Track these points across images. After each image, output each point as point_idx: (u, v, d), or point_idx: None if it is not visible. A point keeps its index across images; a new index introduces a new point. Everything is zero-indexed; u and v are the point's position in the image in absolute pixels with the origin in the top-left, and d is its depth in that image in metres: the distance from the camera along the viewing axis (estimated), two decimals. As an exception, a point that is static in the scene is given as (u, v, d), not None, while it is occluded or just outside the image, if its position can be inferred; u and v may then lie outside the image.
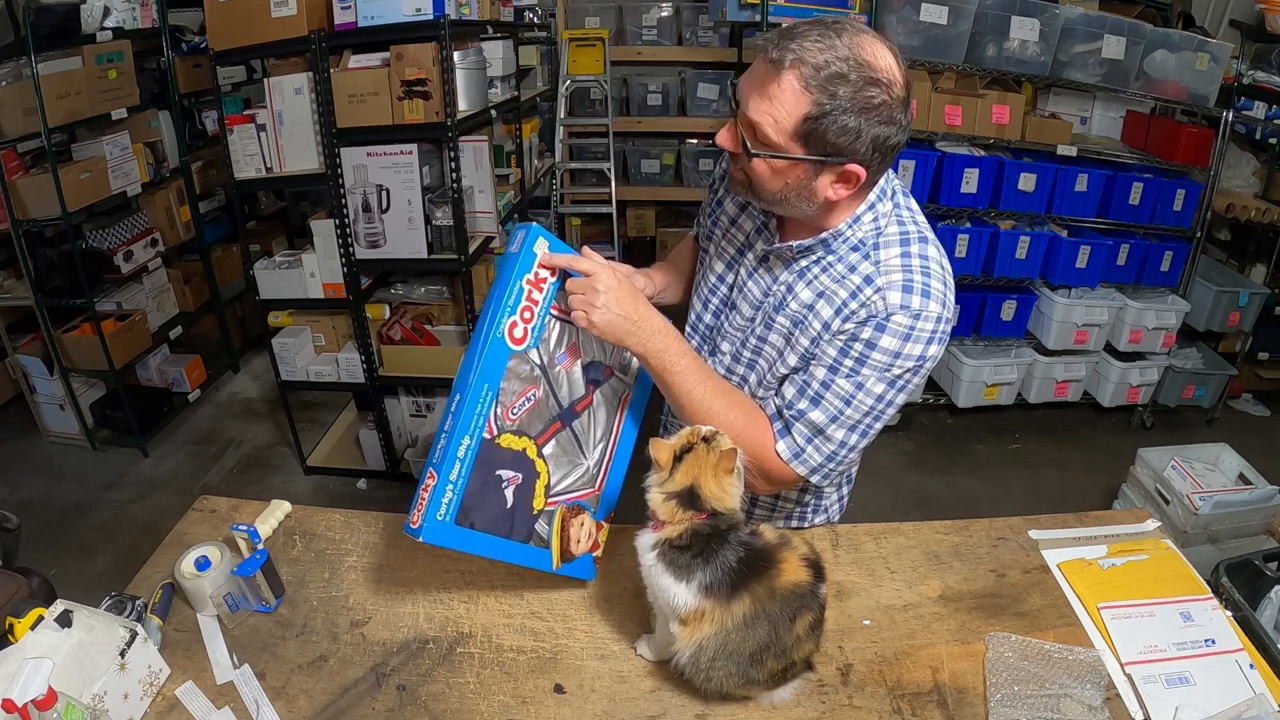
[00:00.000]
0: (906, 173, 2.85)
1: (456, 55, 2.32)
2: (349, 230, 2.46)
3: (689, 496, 0.91)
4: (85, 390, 3.12)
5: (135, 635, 0.95)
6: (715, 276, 1.18)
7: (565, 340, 1.07)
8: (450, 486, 0.95)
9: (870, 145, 0.89)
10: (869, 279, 0.98)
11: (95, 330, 2.85)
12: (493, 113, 2.77)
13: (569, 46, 3.88)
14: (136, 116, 3.04)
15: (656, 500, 0.92)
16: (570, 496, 1.10)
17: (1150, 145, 3.04)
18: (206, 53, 2.43)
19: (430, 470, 0.95)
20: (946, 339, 0.99)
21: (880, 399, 0.99)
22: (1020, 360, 3.18)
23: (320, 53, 2.26)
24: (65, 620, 0.91)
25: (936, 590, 1.16)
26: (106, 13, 2.82)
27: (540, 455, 1.05)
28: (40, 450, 3.15)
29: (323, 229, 2.50)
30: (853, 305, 0.98)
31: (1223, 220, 3.30)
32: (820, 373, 1.00)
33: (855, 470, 1.31)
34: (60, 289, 2.85)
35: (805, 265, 1.04)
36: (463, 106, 2.42)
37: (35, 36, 2.49)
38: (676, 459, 0.92)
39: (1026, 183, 2.90)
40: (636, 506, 0.99)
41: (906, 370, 0.97)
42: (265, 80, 2.40)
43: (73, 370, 2.99)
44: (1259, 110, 3.27)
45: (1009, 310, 3.13)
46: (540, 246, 1.00)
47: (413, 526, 0.94)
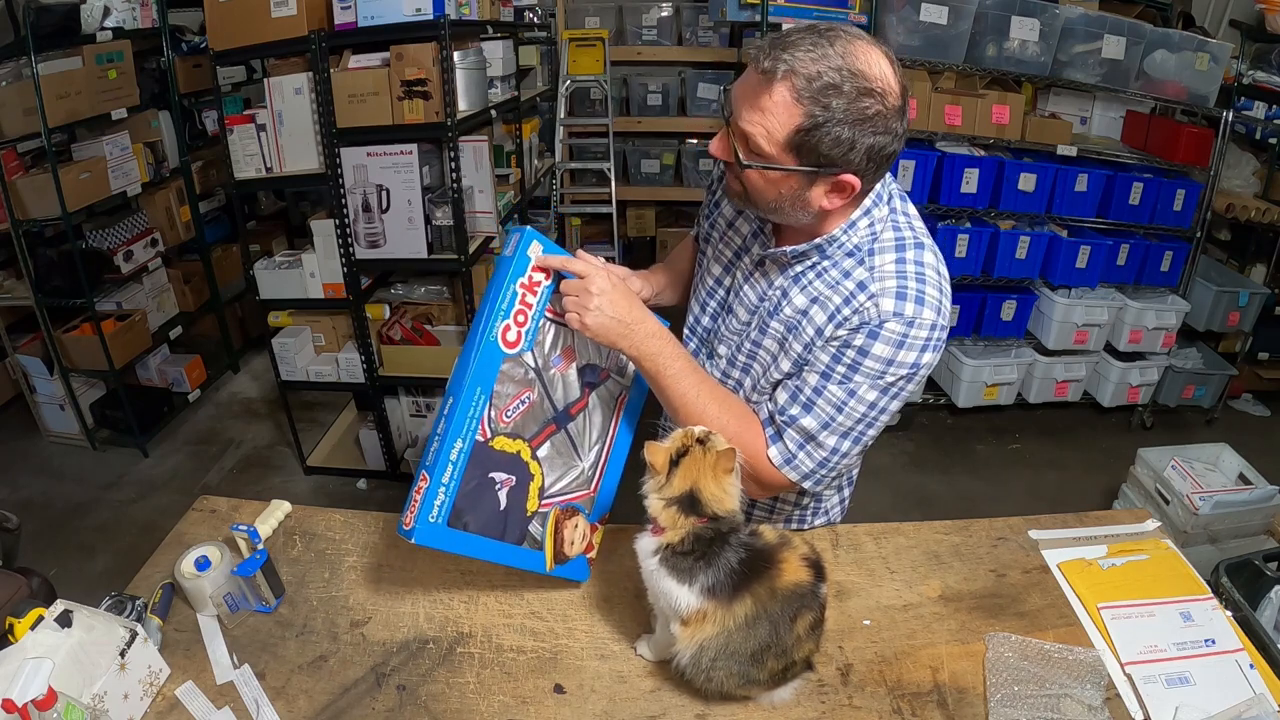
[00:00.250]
0: (906, 173, 2.85)
1: (456, 55, 2.32)
2: (349, 230, 2.46)
3: (689, 501, 0.90)
4: (85, 390, 3.12)
5: (135, 635, 0.95)
6: (713, 279, 1.18)
7: (560, 343, 1.07)
8: (443, 489, 0.95)
9: (865, 155, 0.88)
10: (863, 285, 0.97)
11: (95, 330, 2.85)
12: (493, 113, 2.77)
13: (569, 46, 3.88)
14: (136, 116, 3.04)
15: (656, 507, 0.91)
16: (565, 499, 1.10)
17: (1150, 145, 3.04)
18: (206, 53, 2.43)
19: (423, 472, 0.95)
20: (942, 346, 0.98)
21: (873, 406, 0.98)
22: (1020, 360, 3.18)
23: (320, 53, 2.26)
24: (65, 620, 0.91)
25: (936, 590, 1.16)
26: (106, 13, 2.82)
27: (534, 458, 1.05)
28: (40, 450, 3.15)
29: (323, 229, 2.50)
30: (846, 311, 0.97)
31: (1223, 220, 3.30)
32: (813, 379, 0.99)
33: (855, 472, 1.31)
34: (60, 289, 2.85)
35: (801, 270, 1.03)
36: (463, 106, 2.42)
37: (35, 36, 2.49)
38: (673, 463, 0.90)
39: (1026, 183, 2.90)
40: (633, 507, 0.99)
41: (900, 378, 0.97)
42: (265, 80, 2.40)
43: (73, 370, 2.99)
44: (1259, 110, 3.27)
45: (1009, 310, 3.13)
46: (534, 250, 1.01)
47: (405, 528, 0.94)
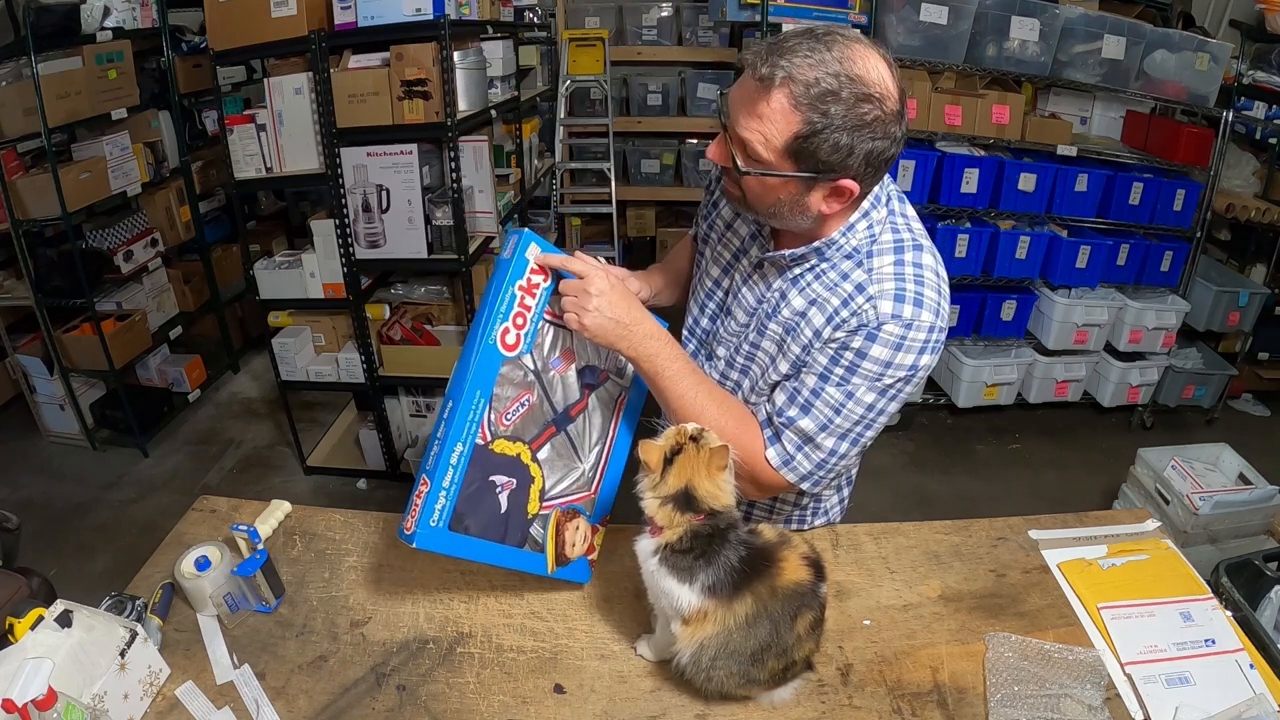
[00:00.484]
0: (906, 173, 2.85)
1: (456, 55, 2.32)
2: (349, 230, 2.46)
3: (685, 499, 0.90)
4: (85, 390, 3.12)
5: (135, 635, 0.95)
6: (711, 281, 1.18)
7: (559, 345, 1.07)
8: (443, 493, 0.95)
9: (863, 160, 0.88)
10: (861, 287, 0.97)
11: (95, 330, 2.85)
12: (493, 113, 2.77)
13: (569, 46, 3.88)
14: (136, 116, 3.04)
15: (652, 506, 0.91)
16: (565, 500, 1.10)
17: (1150, 145, 3.04)
18: (206, 53, 2.43)
19: (424, 476, 0.95)
20: (940, 348, 0.98)
21: (871, 408, 0.98)
22: (1020, 360, 3.18)
23: (320, 53, 2.26)
24: (65, 620, 0.91)
25: (936, 590, 1.16)
26: (106, 13, 2.82)
27: (534, 460, 1.05)
28: (40, 450, 3.15)
29: (323, 229, 2.50)
30: (844, 314, 0.97)
31: (1223, 220, 3.30)
32: (811, 380, 0.99)
33: (855, 472, 1.31)
34: (60, 289, 2.85)
35: (799, 273, 1.03)
36: (463, 106, 2.42)
37: (35, 36, 2.49)
38: (667, 461, 0.91)
39: (1026, 183, 2.90)
40: (633, 508, 0.99)
41: (898, 380, 0.96)
42: (265, 80, 2.40)
43: (73, 370, 2.99)
44: (1259, 110, 3.27)
45: (1009, 310, 3.13)
46: (532, 252, 1.01)
47: (406, 532, 0.94)
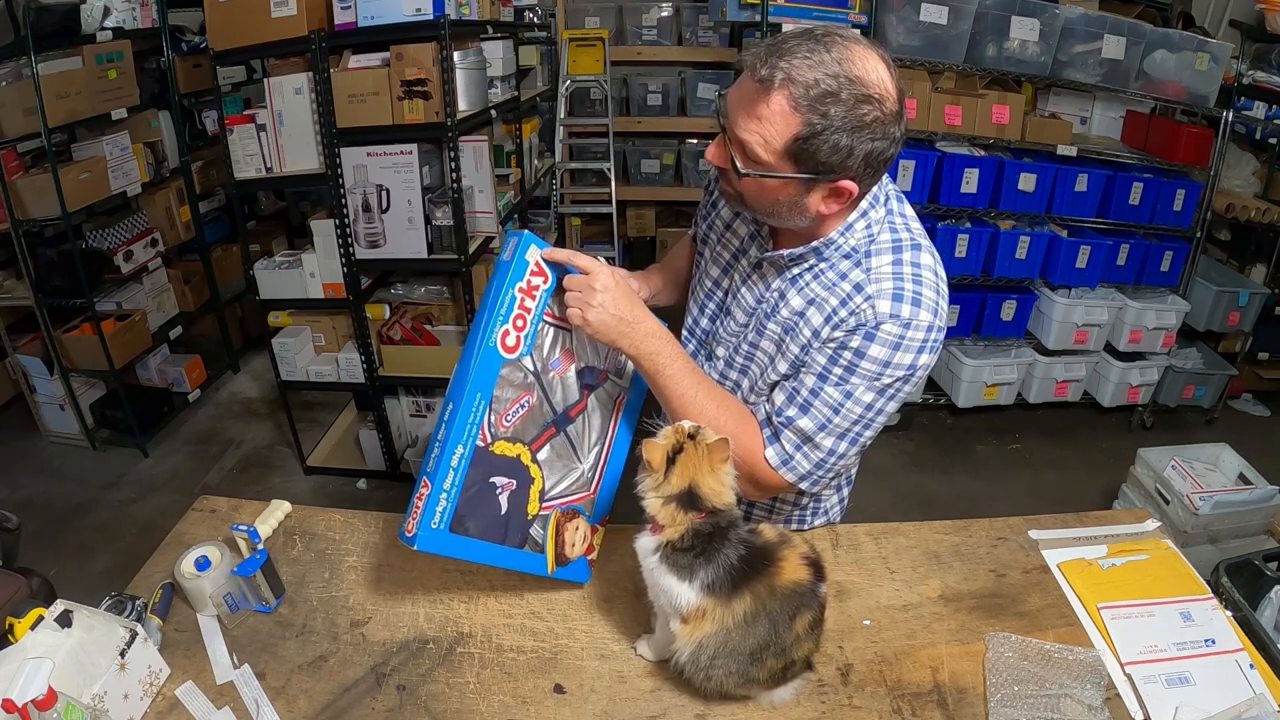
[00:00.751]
0: (906, 173, 2.85)
1: (456, 55, 2.32)
2: (349, 230, 2.46)
3: (688, 497, 0.90)
4: (85, 390, 3.12)
5: (135, 635, 0.95)
6: (711, 281, 1.18)
7: (559, 346, 1.07)
8: (444, 495, 0.95)
9: (862, 161, 0.88)
10: (859, 287, 0.97)
11: (95, 330, 2.85)
12: (493, 113, 2.77)
13: (569, 46, 3.88)
14: (136, 116, 3.04)
15: (655, 505, 0.91)
16: (565, 501, 1.10)
17: (1150, 145, 3.04)
18: (206, 53, 2.43)
19: (424, 479, 0.95)
20: (939, 347, 0.98)
21: (870, 408, 0.98)
22: (1020, 360, 3.18)
23: (320, 53, 2.26)
24: (65, 620, 0.91)
25: (936, 590, 1.16)
26: (106, 13, 2.82)
27: (534, 461, 1.05)
28: (40, 450, 3.15)
29: (323, 229, 2.50)
30: (842, 313, 0.97)
31: (1223, 220, 3.30)
32: (810, 380, 0.99)
33: (855, 472, 1.31)
34: (60, 289, 2.85)
35: (798, 273, 1.03)
36: (463, 106, 2.42)
37: (35, 36, 2.49)
38: (669, 461, 0.91)
39: (1026, 183, 2.90)
40: (633, 508, 0.99)
41: (897, 379, 0.96)
42: (265, 80, 2.40)
43: (73, 370, 2.99)
44: (1259, 110, 3.27)
45: (1009, 310, 3.13)
46: (532, 254, 1.01)
47: (407, 535, 0.94)
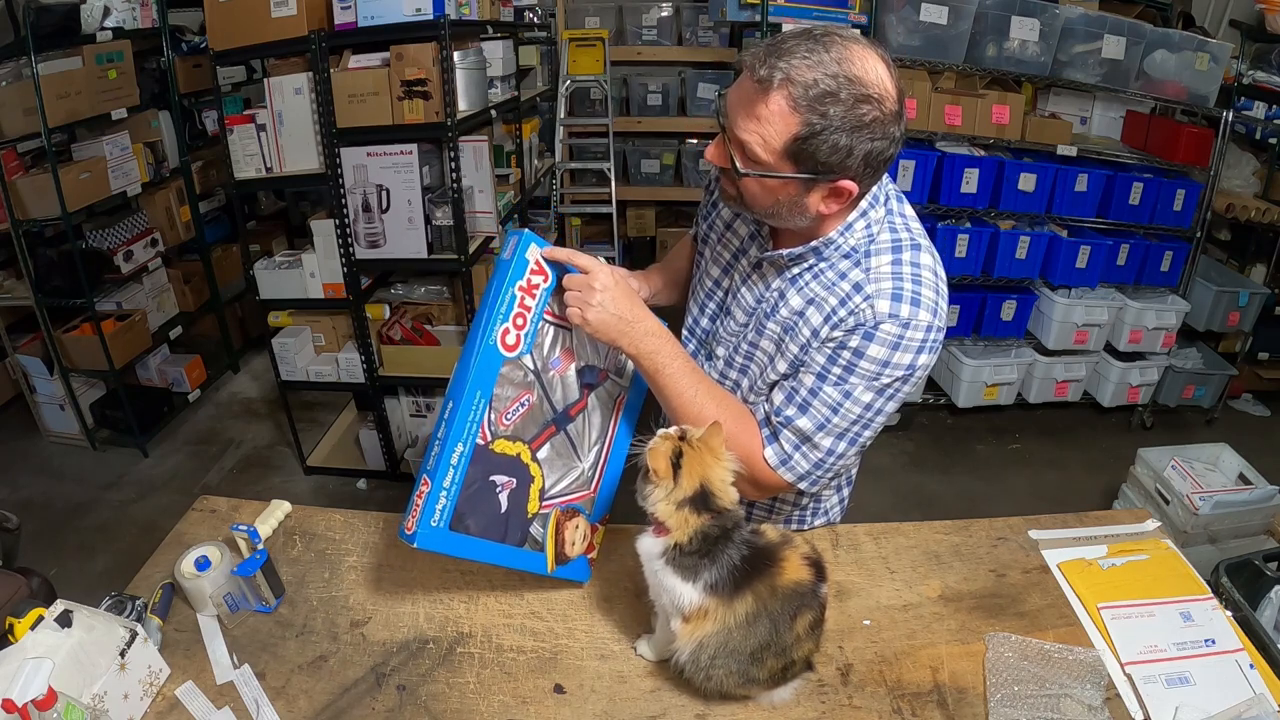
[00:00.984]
0: (906, 173, 2.85)
1: (456, 55, 2.32)
2: (349, 230, 2.46)
3: (701, 498, 0.90)
4: (85, 390, 3.12)
5: (135, 635, 0.95)
6: (711, 281, 1.18)
7: (559, 345, 1.08)
8: (444, 493, 0.95)
9: (862, 161, 0.88)
10: (858, 286, 0.97)
11: (95, 330, 2.85)
12: (493, 113, 2.77)
13: (569, 46, 3.88)
14: (136, 116, 3.04)
15: (666, 511, 0.90)
16: (565, 500, 1.10)
17: (1150, 145, 3.04)
18: (206, 53, 2.43)
19: (424, 477, 0.95)
20: (938, 347, 0.98)
21: (869, 407, 0.98)
22: (1020, 360, 3.18)
23: (320, 53, 2.26)
24: (65, 620, 0.91)
25: (936, 590, 1.16)
26: (106, 13, 2.82)
27: (534, 459, 1.05)
28: (40, 450, 3.15)
29: (323, 229, 2.50)
30: (841, 313, 0.97)
31: (1223, 220, 3.30)
32: (809, 380, 0.99)
33: (855, 472, 1.31)
34: (60, 289, 2.85)
35: (798, 272, 1.03)
36: (463, 106, 2.42)
37: (35, 36, 2.49)
38: (675, 466, 0.90)
39: (1026, 183, 2.90)
40: (633, 507, 0.99)
41: (896, 379, 0.96)
42: (265, 80, 2.40)
43: (73, 370, 2.99)
44: (1259, 110, 3.27)
45: (1009, 310, 3.13)
46: (533, 253, 1.01)
47: (407, 532, 0.94)
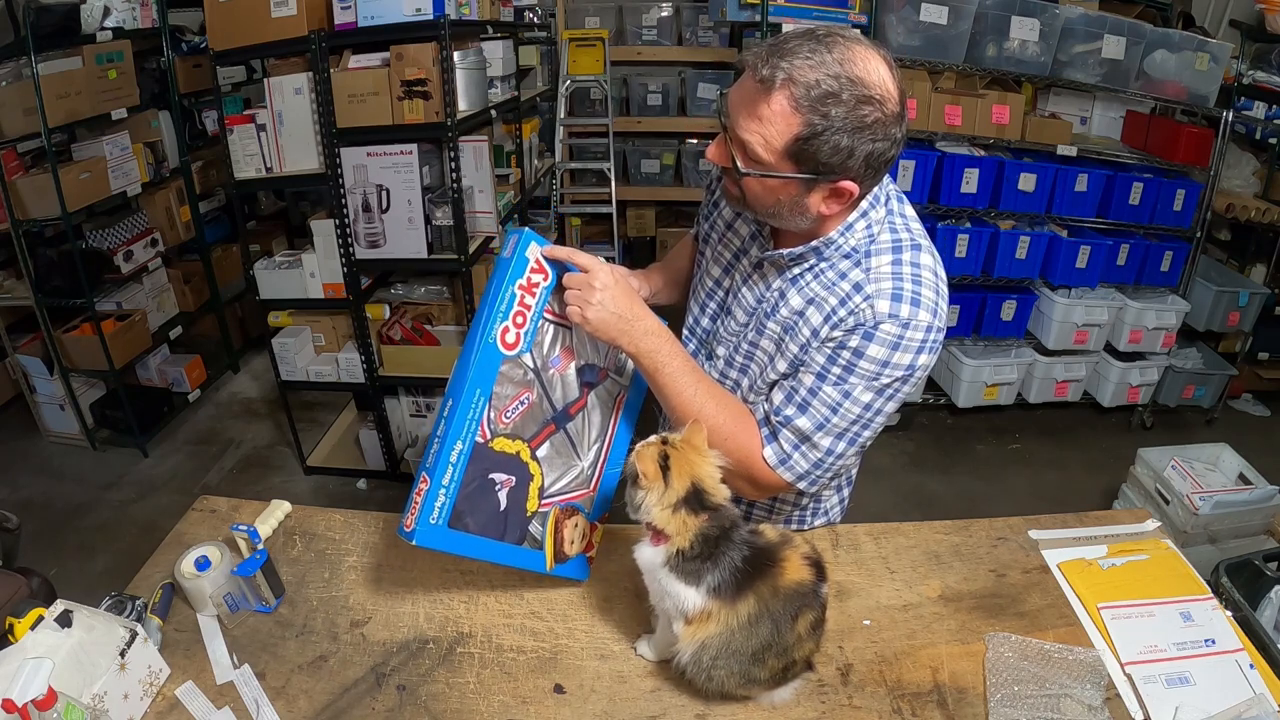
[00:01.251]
0: (906, 173, 2.85)
1: (456, 55, 2.32)
2: (349, 230, 2.46)
3: (695, 497, 0.90)
4: (85, 390, 3.12)
5: (135, 635, 0.95)
6: (712, 281, 1.18)
7: (559, 343, 1.08)
8: (443, 491, 0.95)
9: (863, 162, 0.88)
10: (858, 286, 0.97)
11: (95, 330, 2.85)
12: (493, 113, 2.77)
13: (569, 46, 3.88)
14: (136, 116, 3.04)
15: (663, 518, 0.90)
16: (564, 498, 1.10)
17: (1150, 145, 3.04)
18: (206, 53, 2.43)
19: (423, 474, 0.95)
20: (938, 348, 0.98)
21: (868, 408, 0.98)
22: (1020, 360, 3.17)
23: (320, 53, 2.26)
24: (65, 620, 0.91)
25: (936, 590, 1.16)
26: (106, 13, 2.82)
27: (534, 458, 1.05)
28: (40, 450, 3.15)
29: (323, 229, 2.50)
30: (841, 313, 0.97)
31: (1223, 220, 3.30)
32: (808, 380, 0.99)
33: (855, 472, 1.31)
34: (60, 289, 2.85)
35: (798, 273, 1.03)
36: (463, 106, 2.42)
37: (35, 36, 2.49)
38: (663, 469, 0.90)
39: (1026, 183, 2.90)
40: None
41: (895, 379, 0.96)
42: (265, 80, 2.40)
43: (73, 370, 2.99)
44: (1259, 110, 3.27)
45: (1009, 310, 3.13)
46: (533, 251, 1.01)
47: (406, 530, 0.94)
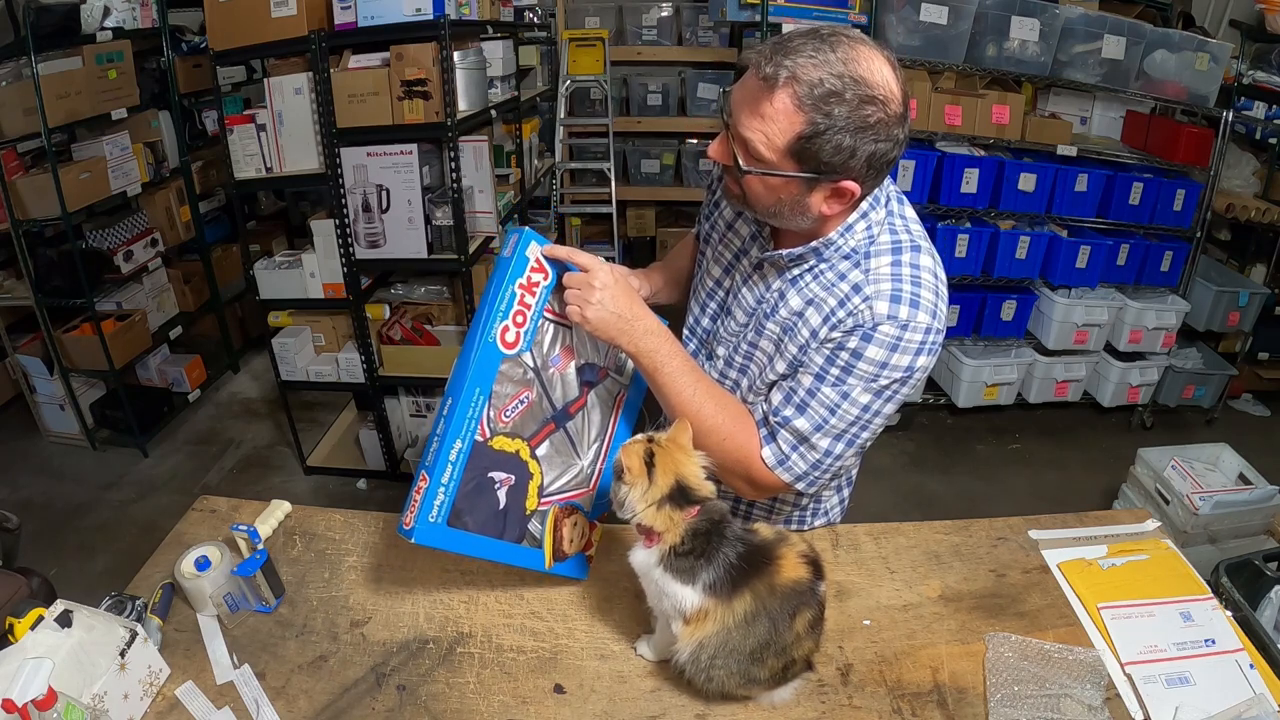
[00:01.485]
0: (906, 173, 2.85)
1: (456, 55, 2.32)
2: (349, 230, 2.46)
3: (680, 493, 0.90)
4: (85, 390, 3.12)
5: (135, 635, 0.95)
6: (713, 281, 1.18)
7: (559, 343, 1.08)
8: (442, 489, 0.95)
9: (865, 162, 0.88)
10: (857, 287, 0.97)
11: (95, 330, 2.85)
12: (493, 113, 2.77)
13: (569, 46, 3.89)
14: (136, 116, 3.04)
15: (648, 514, 0.90)
16: (564, 497, 1.10)
17: (1150, 145, 3.04)
18: (206, 53, 2.43)
19: (423, 473, 0.96)
20: (937, 349, 0.97)
21: (867, 409, 0.98)
22: (1020, 360, 3.18)
23: (320, 53, 2.26)
24: (65, 620, 0.91)
25: (936, 590, 1.16)
26: (106, 13, 2.82)
27: (533, 456, 1.05)
28: (40, 450, 3.15)
29: (323, 229, 2.50)
30: (840, 314, 0.97)
31: (1223, 220, 3.30)
32: (807, 381, 0.99)
33: (855, 472, 1.31)
34: (60, 289, 2.85)
35: (798, 273, 1.03)
36: (463, 106, 2.42)
37: (35, 36, 2.49)
38: (648, 466, 0.91)
39: (1026, 183, 2.90)
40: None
41: (894, 381, 0.96)
42: (265, 80, 2.40)
43: (73, 370, 2.99)
44: (1259, 110, 3.27)
45: (1009, 310, 3.13)
46: (533, 250, 1.01)
47: (405, 528, 0.95)
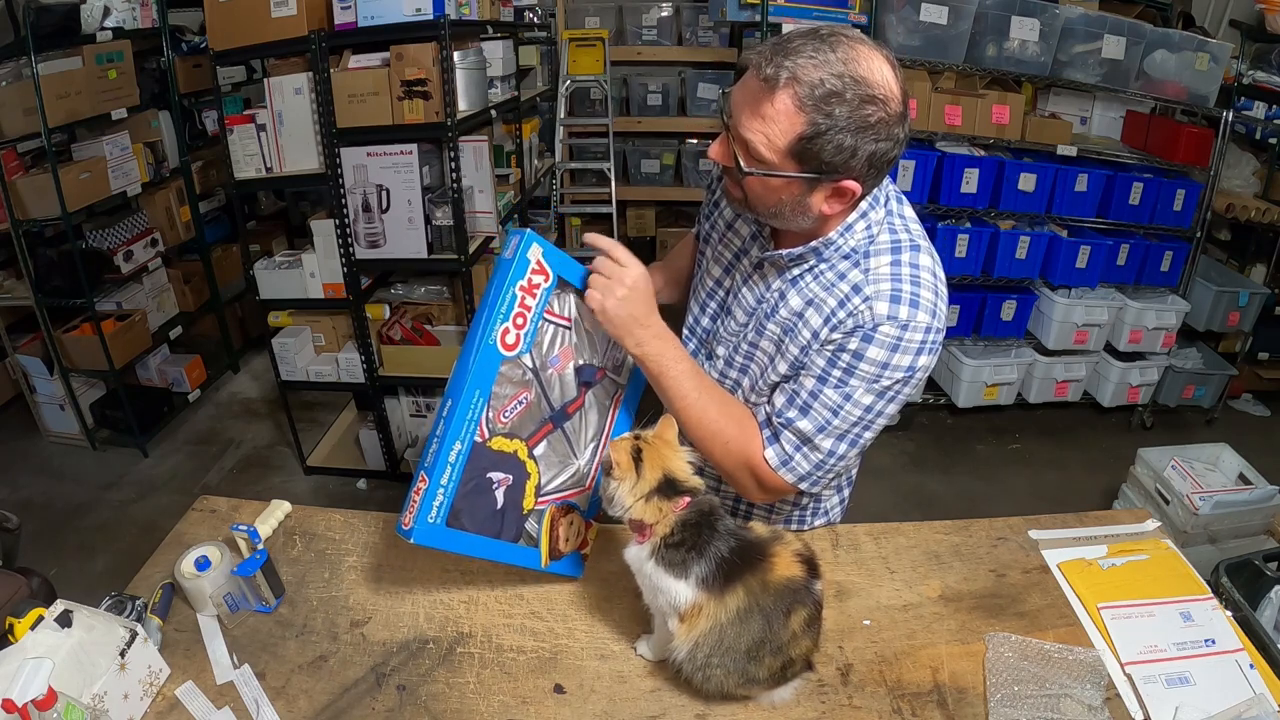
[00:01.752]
0: (906, 173, 2.85)
1: (456, 55, 2.32)
2: (349, 230, 2.46)
3: (667, 486, 0.91)
4: (85, 390, 3.12)
5: (135, 635, 0.95)
6: (713, 281, 1.18)
7: (559, 344, 1.08)
8: (441, 490, 0.96)
9: (866, 162, 0.88)
10: (857, 288, 0.97)
11: (95, 330, 2.85)
12: (493, 113, 2.77)
13: (569, 46, 3.89)
14: (136, 116, 3.04)
15: (638, 508, 0.91)
16: (560, 496, 1.11)
17: (1150, 145, 3.04)
18: (206, 53, 2.43)
19: (422, 473, 0.96)
20: (938, 349, 0.98)
21: (869, 409, 0.98)
22: (1020, 360, 3.18)
23: (320, 53, 2.26)
24: (65, 620, 0.91)
25: (936, 590, 1.16)
26: (106, 13, 2.82)
27: (531, 456, 1.06)
28: (40, 450, 3.15)
29: (323, 229, 2.50)
30: (840, 315, 0.97)
31: (1223, 220, 3.30)
32: (809, 382, 0.99)
33: (855, 472, 1.31)
34: (60, 289, 2.84)
35: (798, 273, 1.03)
36: (463, 106, 2.42)
37: (35, 36, 2.49)
38: (636, 461, 0.92)
39: (1026, 183, 2.90)
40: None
41: (896, 381, 0.96)
42: (265, 80, 2.40)
43: (73, 370, 2.99)
44: (1259, 110, 3.27)
45: (1009, 310, 3.13)
46: (534, 252, 1.01)
47: (404, 528, 0.95)
